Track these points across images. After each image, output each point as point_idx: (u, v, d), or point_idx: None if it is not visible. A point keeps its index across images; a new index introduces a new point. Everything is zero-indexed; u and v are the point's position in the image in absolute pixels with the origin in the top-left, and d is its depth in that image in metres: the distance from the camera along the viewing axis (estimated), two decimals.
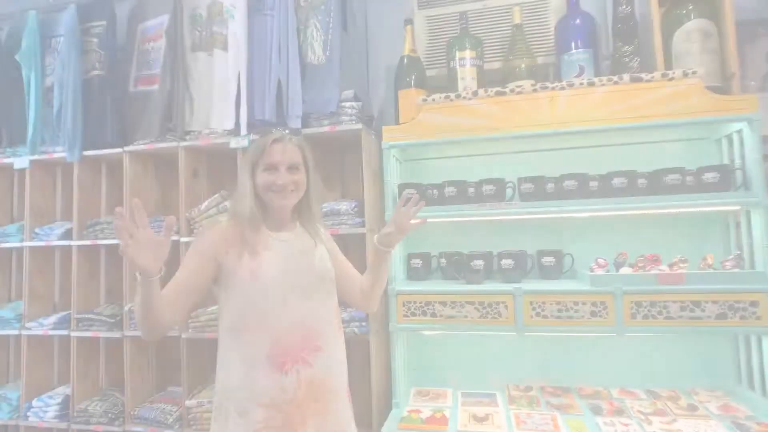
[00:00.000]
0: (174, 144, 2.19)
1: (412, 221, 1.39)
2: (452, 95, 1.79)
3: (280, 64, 2.05)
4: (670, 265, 1.68)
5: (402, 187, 1.87)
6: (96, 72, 2.35)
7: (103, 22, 2.38)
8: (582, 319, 1.64)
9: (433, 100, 1.80)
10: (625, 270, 1.71)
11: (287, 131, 1.32)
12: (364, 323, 1.91)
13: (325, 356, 1.24)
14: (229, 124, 2.13)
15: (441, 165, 2.08)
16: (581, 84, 1.68)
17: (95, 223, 2.29)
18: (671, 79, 1.63)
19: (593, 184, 1.72)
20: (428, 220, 1.58)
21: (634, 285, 1.61)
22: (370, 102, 2.19)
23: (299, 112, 2.00)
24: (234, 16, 2.17)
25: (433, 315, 1.74)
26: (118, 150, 2.26)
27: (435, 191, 1.86)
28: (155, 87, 2.28)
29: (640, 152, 1.85)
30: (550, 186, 1.75)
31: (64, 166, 2.54)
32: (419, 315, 1.76)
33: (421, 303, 1.76)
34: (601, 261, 1.75)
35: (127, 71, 2.40)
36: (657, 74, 1.64)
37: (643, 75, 1.65)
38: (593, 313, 1.63)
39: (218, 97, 2.19)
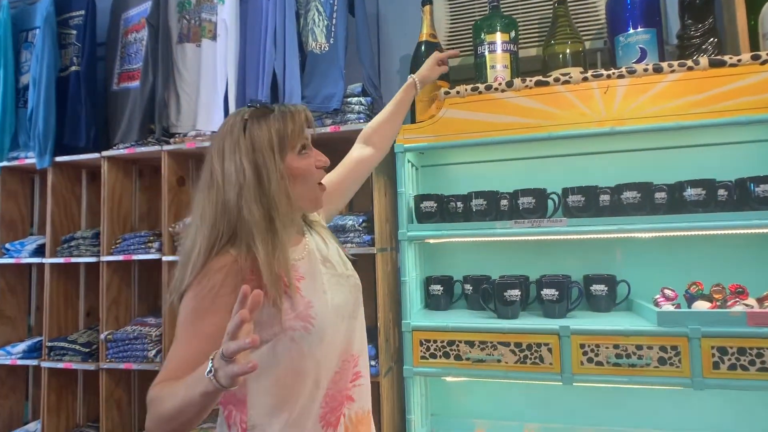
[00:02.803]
0: (157, 148, 1.91)
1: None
2: (481, 86, 1.46)
3: (275, 54, 1.75)
4: (760, 300, 1.32)
5: (419, 198, 1.54)
6: (73, 68, 2.08)
7: (82, 12, 2.12)
8: (648, 368, 1.29)
9: (458, 93, 1.48)
10: (701, 304, 1.35)
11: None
12: (373, 362, 1.59)
13: (364, 381, 0.98)
14: (217, 125, 1.84)
15: (467, 172, 1.75)
16: (645, 70, 1.34)
17: (70, 238, 2.02)
18: (764, 62, 1.28)
19: (660, 196, 1.37)
20: (451, 239, 1.27)
21: (716, 325, 1.26)
22: (382, 97, 1.88)
23: None
24: (224, 0, 1.88)
25: (458, 358, 1.41)
26: (96, 155, 1.99)
27: (459, 204, 1.53)
28: (136, 83, 2.00)
29: (718, 156, 1.49)
30: (604, 198, 1.40)
31: (42, 174, 2.28)
32: (440, 357, 1.43)
33: (442, 342, 1.43)
34: (668, 292, 1.40)
35: (111, 67, 2.14)
36: (745, 57, 1.29)
37: (726, 58, 1.30)
38: (662, 361, 1.28)
39: (206, 93, 1.90)
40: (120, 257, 1.91)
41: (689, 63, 1.32)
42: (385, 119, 1.30)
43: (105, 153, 1.98)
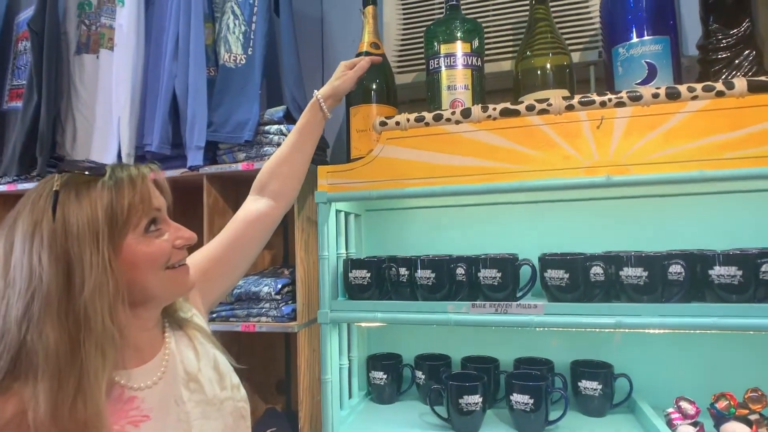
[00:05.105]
0: None
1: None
2: (429, 116, 1.07)
3: (176, 68, 1.36)
4: None
5: (348, 265, 1.15)
6: None
7: None
8: None
9: (397, 124, 1.09)
10: (735, 429, 0.95)
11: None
12: None
13: None
14: (111, 157, 1.47)
15: (423, 218, 1.36)
16: (655, 96, 0.94)
17: None
18: None
19: (675, 271, 0.96)
20: (394, 324, 0.89)
21: None
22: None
23: (201, 141, 1.31)
24: (124, 1, 1.50)
25: None
26: None
27: (403, 271, 1.13)
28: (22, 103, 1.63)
29: (760, 208, 1.09)
30: (596, 273, 1.00)
31: None
32: None
33: None
34: (686, 406, 1.00)
35: (1, 82, 1.77)
36: None
37: None
38: None
39: (102, 117, 1.52)
40: None
41: (718, 86, 0.92)
42: (284, 156, 0.96)
43: None
